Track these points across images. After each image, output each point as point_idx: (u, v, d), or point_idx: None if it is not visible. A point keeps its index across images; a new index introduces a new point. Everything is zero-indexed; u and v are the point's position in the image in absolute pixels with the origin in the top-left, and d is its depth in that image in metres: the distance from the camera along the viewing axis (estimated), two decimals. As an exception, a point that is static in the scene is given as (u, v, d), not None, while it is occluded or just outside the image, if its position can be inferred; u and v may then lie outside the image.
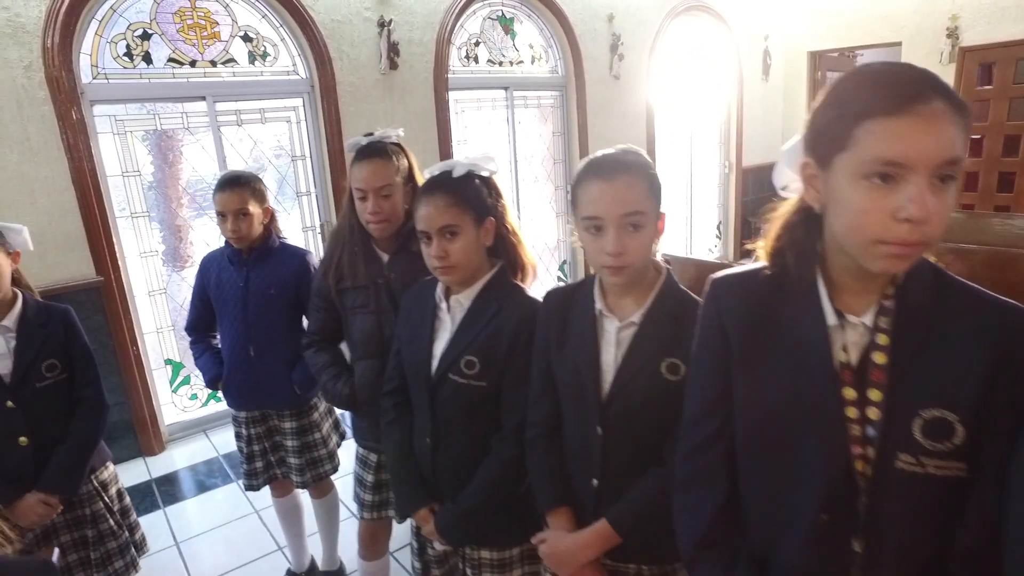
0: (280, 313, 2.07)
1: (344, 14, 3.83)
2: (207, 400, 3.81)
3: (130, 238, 3.44)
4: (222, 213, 1.97)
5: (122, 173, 3.39)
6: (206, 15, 3.52)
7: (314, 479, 2.21)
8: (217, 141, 3.60)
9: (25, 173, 2.99)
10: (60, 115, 3.04)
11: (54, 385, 1.79)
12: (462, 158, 1.49)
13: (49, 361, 1.79)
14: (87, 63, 3.21)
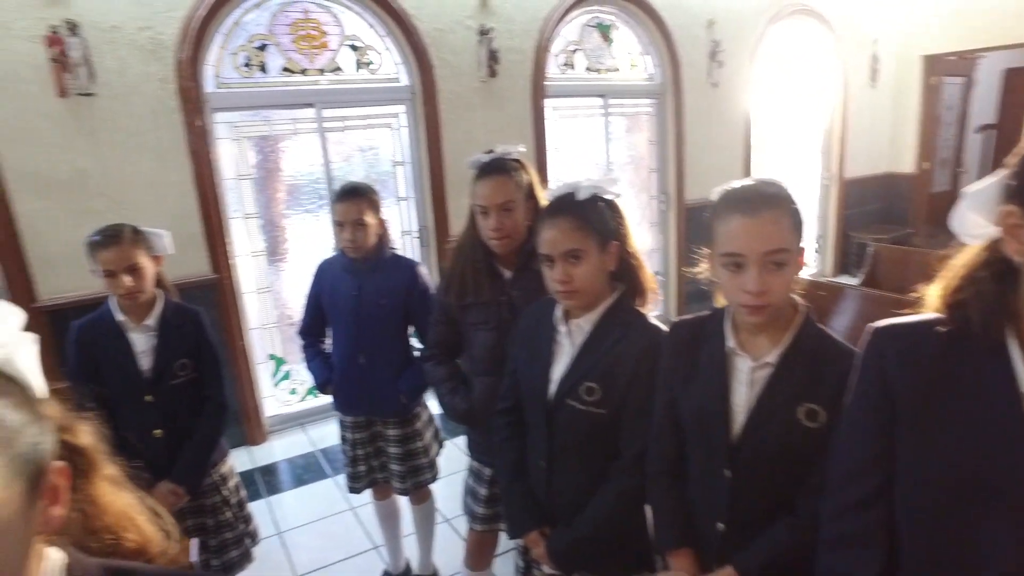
0: (390, 323, 2.13)
1: (446, 22, 3.89)
2: (305, 396, 3.97)
3: (241, 238, 3.62)
4: (340, 223, 2.04)
5: (236, 176, 3.58)
6: (317, 25, 3.66)
7: (414, 486, 2.25)
8: (323, 145, 3.74)
9: (157, 178, 3.20)
10: (187, 123, 3.24)
11: (185, 383, 1.91)
12: (584, 180, 1.47)
13: (182, 360, 1.91)
14: (211, 73, 3.40)
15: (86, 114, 3.04)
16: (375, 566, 2.62)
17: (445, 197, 4.01)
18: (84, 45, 2.96)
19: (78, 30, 2.94)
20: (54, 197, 3.01)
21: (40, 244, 3.00)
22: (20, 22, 2.85)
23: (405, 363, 2.17)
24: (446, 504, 2.77)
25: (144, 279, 1.83)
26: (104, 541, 0.72)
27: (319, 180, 3.80)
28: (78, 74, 2.96)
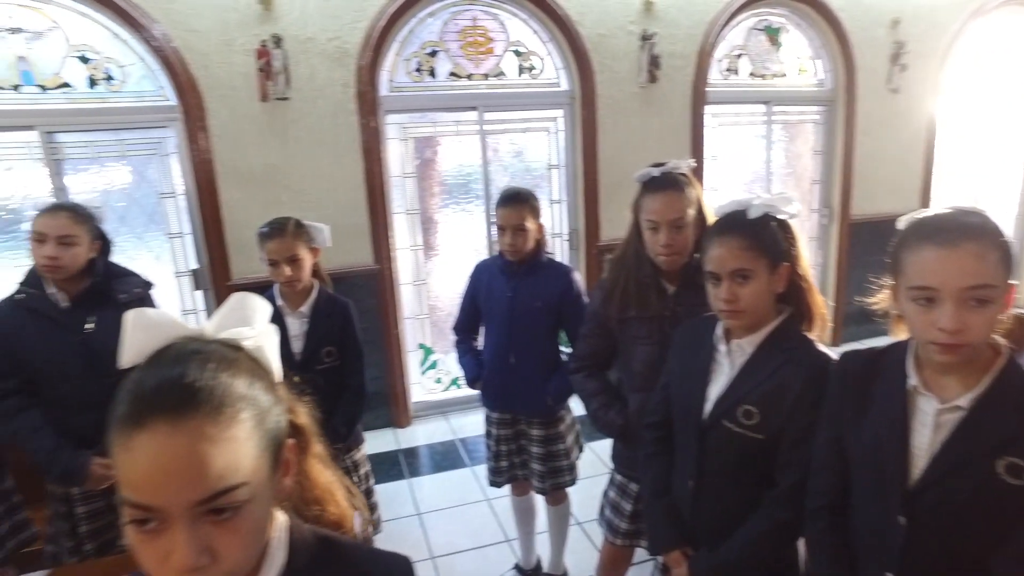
0: (541, 326, 2.18)
1: (609, 27, 3.89)
2: (449, 386, 4.17)
3: (402, 232, 3.87)
4: (502, 227, 2.12)
5: (402, 174, 3.83)
6: (484, 32, 3.82)
7: (553, 487, 2.30)
8: (482, 147, 3.89)
9: (333, 173, 3.51)
10: (362, 124, 3.52)
11: (330, 369, 2.08)
12: (755, 198, 1.42)
13: (328, 347, 2.08)
14: (386, 78, 3.66)
15: (280, 116, 3.40)
16: (506, 558, 2.71)
17: (598, 202, 4.02)
18: (284, 56, 3.31)
19: (281, 43, 3.29)
20: (249, 188, 3.40)
21: (236, 229, 3.41)
22: (239, 39, 3.26)
23: (554, 366, 2.21)
24: (580, 508, 2.79)
25: (302, 269, 2.02)
26: (312, 511, 0.82)
27: (476, 180, 3.97)
28: (277, 81, 3.32)
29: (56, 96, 3.20)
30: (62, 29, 3.16)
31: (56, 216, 1.84)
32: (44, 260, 1.83)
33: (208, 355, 0.65)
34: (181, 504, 0.58)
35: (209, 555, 0.59)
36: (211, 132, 3.30)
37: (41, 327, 1.87)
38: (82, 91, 3.23)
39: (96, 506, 1.97)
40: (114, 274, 2.01)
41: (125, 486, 0.59)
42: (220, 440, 0.60)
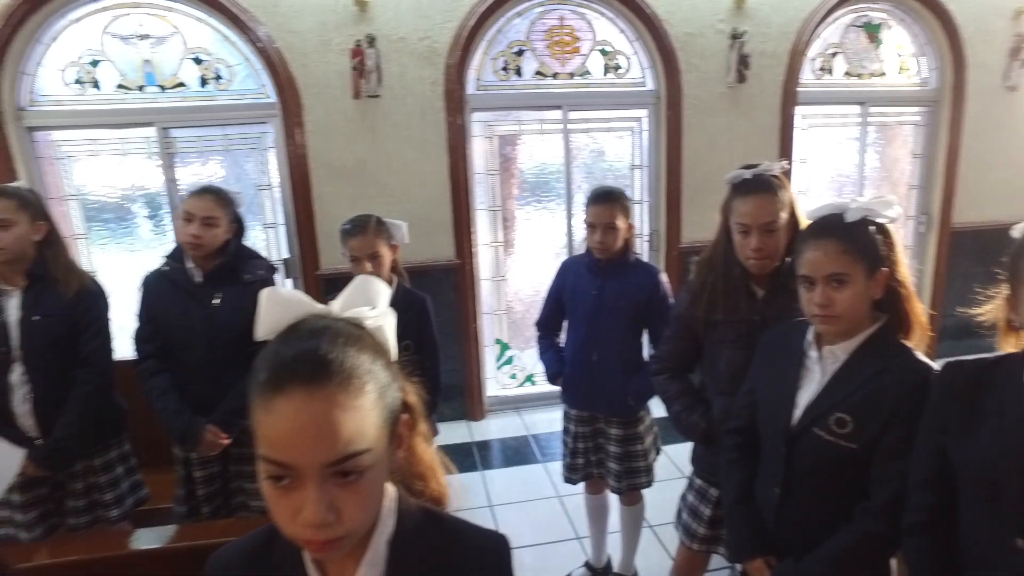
0: (626, 325, 2.18)
1: (698, 26, 3.83)
2: (523, 382, 4.21)
3: (484, 228, 3.94)
4: (592, 224, 2.13)
5: (485, 171, 3.90)
6: (571, 32, 3.83)
7: (629, 488, 2.29)
8: (565, 146, 3.91)
9: (419, 168, 3.62)
10: (448, 121, 3.60)
11: (406, 363, 2.14)
12: (853, 201, 1.38)
13: (405, 342, 2.14)
14: (473, 77, 3.74)
15: (371, 113, 3.53)
16: (575, 555, 2.72)
17: (680, 203, 3.97)
18: (377, 55, 3.44)
19: (375, 42, 3.42)
20: (340, 182, 3.56)
21: (326, 222, 3.56)
22: (336, 39, 3.41)
23: (636, 366, 2.21)
24: (652, 511, 2.77)
25: (382, 266, 2.10)
26: (417, 486, 0.87)
27: (558, 178, 3.99)
28: (370, 79, 3.45)
29: (172, 95, 3.45)
30: (181, 34, 3.40)
31: (203, 198, 2.02)
32: (188, 237, 2.00)
33: (337, 331, 0.70)
34: (314, 464, 0.63)
35: (334, 513, 0.65)
36: (306, 128, 3.47)
37: (178, 297, 2.07)
38: (194, 90, 3.47)
39: (211, 471, 2.14)
40: (244, 256, 2.17)
41: (264, 444, 0.65)
42: (349, 408, 0.65)
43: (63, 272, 2.07)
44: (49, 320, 2.01)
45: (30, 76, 3.31)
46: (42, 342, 2.01)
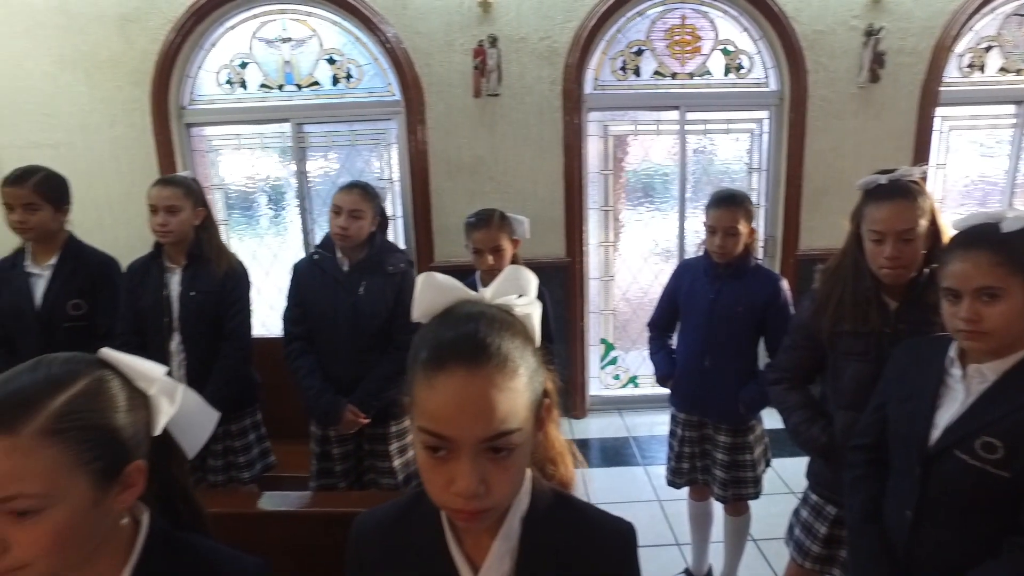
0: (742, 331, 2.13)
1: (828, 23, 3.64)
2: (626, 383, 4.19)
3: (594, 228, 3.95)
4: (712, 228, 2.10)
5: (599, 171, 3.90)
6: (693, 31, 3.76)
7: (735, 497, 2.24)
8: (681, 147, 3.84)
9: (534, 166, 3.69)
10: (565, 120, 3.64)
11: None
12: (1010, 210, 1.28)
13: None
14: (591, 76, 3.75)
15: (490, 111, 3.63)
16: (675, 562, 2.68)
17: (800, 209, 3.79)
18: (498, 54, 3.53)
19: (497, 42, 3.52)
20: (457, 178, 3.69)
21: (442, 216, 3.71)
22: (459, 40, 3.54)
23: (750, 374, 2.16)
24: (757, 524, 2.68)
25: (503, 259, 2.16)
26: (548, 469, 0.91)
27: (672, 180, 3.93)
28: (490, 78, 3.55)
29: (307, 93, 3.71)
30: (318, 36, 3.65)
31: (351, 192, 2.17)
32: (337, 229, 2.16)
33: (492, 316, 0.75)
34: (470, 438, 0.68)
35: (485, 486, 0.70)
36: (428, 125, 3.63)
37: (326, 285, 2.23)
38: (327, 88, 3.71)
39: (347, 448, 2.30)
40: (387, 248, 2.32)
41: (425, 417, 0.70)
42: (505, 389, 0.70)
43: (216, 254, 2.29)
44: (202, 296, 2.24)
45: (191, 78, 3.67)
46: (196, 316, 2.23)
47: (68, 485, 0.69)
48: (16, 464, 0.66)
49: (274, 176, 3.89)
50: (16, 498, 0.66)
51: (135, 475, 0.76)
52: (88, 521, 0.71)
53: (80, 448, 0.70)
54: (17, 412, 0.68)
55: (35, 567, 0.69)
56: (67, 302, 2.28)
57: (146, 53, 3.53)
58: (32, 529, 0.67)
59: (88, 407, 0.73)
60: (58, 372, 0.74)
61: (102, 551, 0.76)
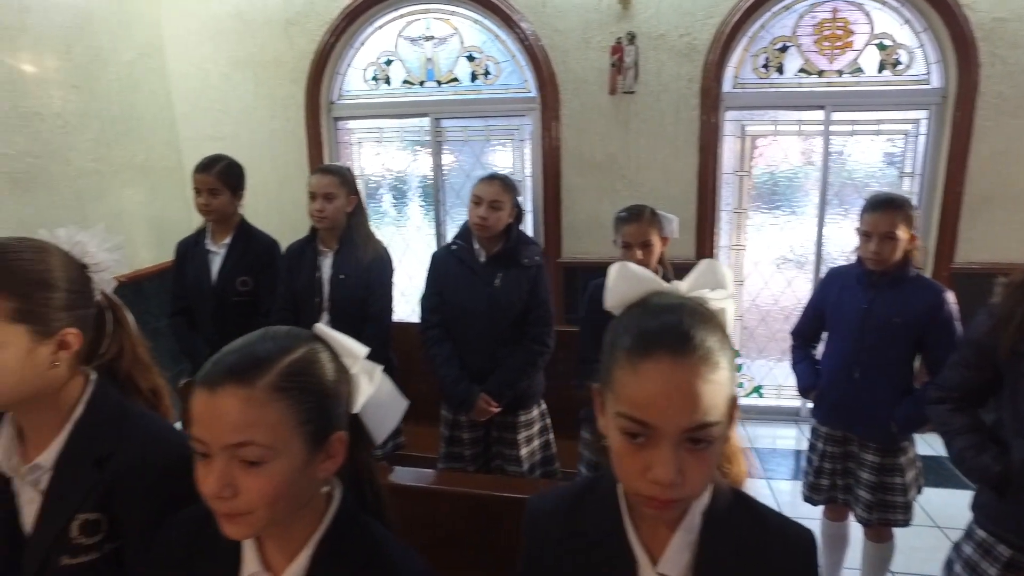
0: (898, 344, 1.99)
1: (1013, 8, 3.27)
2: (750, 392, 4.03)
3: (726, 230, 3.83)
4: (867, 233, 1.98)
5: (734, 171, 3.77)
6: (845, 25, 3.54)
7: (880, 522, 2.10)
8: (825, 148, 3.64)
9: (667, 165, 3.63)
10: (702, 119, 3.55)
11: None
12: None
13: None
14: (731, 74, 3.63)
15: (624, 109, 3.61)
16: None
17: (958, 218, 3.48)
18: (636, 52, 3.50)
19: (635, 39, 3.49)
20: (589, 175, 3.70)
21: (571, 212, 3.73)
22: (597, 37, 3.54)
23: (905, 390, 2.01)
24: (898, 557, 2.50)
25: (652, 256, 2.12)
26: (723, 466, 0.91)
27: (812, 183, 3.73)
28: (627, 76, 3.53)
29: (446, 89, 3.85)
30: (459, 34, 3.78)
31: (491, 183, 2.24)
32: (477, 219, 2.23)
33: (692, 309, 0.76)
34: (673, 427, 0.69)
35: (682, 475, 0.70)
36: (562, 122, 3.66)
37: (463, 275, 2.31)
38: (465, 85, 3.84)
39: (477, 434, 2.38)
40: (522, 241, 2.36)
41: (627, 403, 0.72)
42: (708, 381, 0.70)
43: (364, 239, 2.44)
44: (350, 279, 2.39)
45: (341, 75, 3.93)
46: (344, 297, 2.39)
47: (288, 441, 0.77)
48: (250, 413, 0.75)
49: (410, 168, 4.08)
50: (249, 444, 0.74)
51: (337, 445, 0.83)
52: (298, 481, 0.78)
53: (299, 408, 0.77)
54: (252, 369, 0.76)
55: (255, 515, 0.76)
56: (237, 278, 2.52)
57: (304, 53, 3.81)
58: (257, 478, 0.74)
59: (306, 371, 0.80)
60: (282, 340, 0.82)
61: (300, 514, 0.83)
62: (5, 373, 0.90)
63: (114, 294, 1.08)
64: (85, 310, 1.01)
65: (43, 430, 0.99)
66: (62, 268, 0.98)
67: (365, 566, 0.84)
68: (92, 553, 0.97)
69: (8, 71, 2.93)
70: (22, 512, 0.99)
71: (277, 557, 0.84)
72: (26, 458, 0.99)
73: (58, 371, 0.97)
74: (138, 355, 1.09)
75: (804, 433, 3.67)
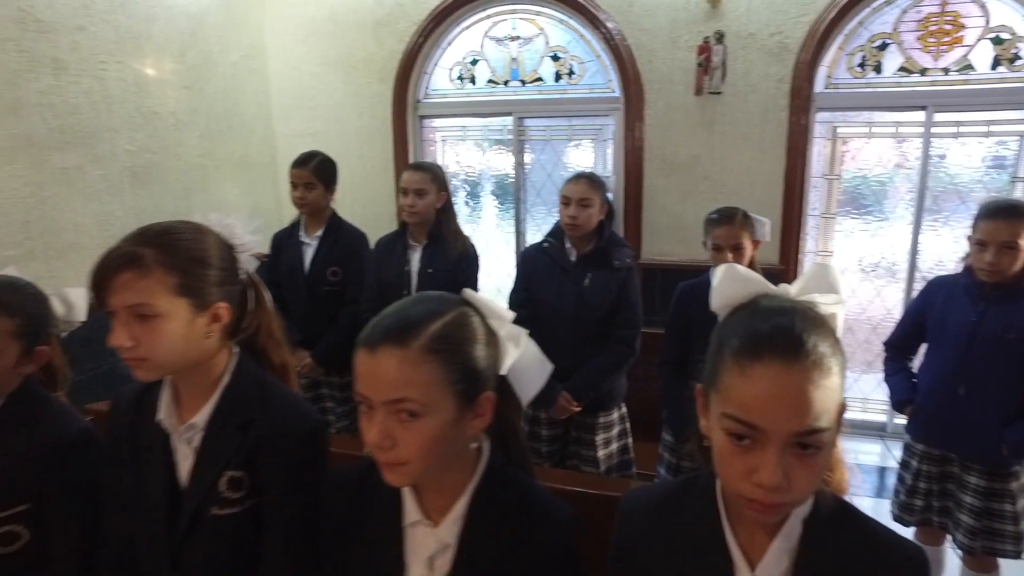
0: (1010, 362, 1.87)
1: None
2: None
3: (811, 236, 3.69)
4: (983, 242, 1.86)
5: (823, 175, 3.64)
6: (955, 19, 3.34)
7: (985, 551, 1.98)
8: (925, 152, 3.45)
9: (753, 168, 3.53)
10: (791, 120, 3.44)
11: None
12: None
13: None
14: (823, 74, 3.49)
15: (710, 109, 3.54)
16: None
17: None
18: (724, 51, 3.43)
19: (723, 39, 3.42)
20: (671, 176, 3.65)
21: (652, 213, 3.70)
22: (684, 36, 3.49)
23: (1017, 411, 1.89)
24: None
25: (743, 258, 2.07)
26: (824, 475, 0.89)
27: (909, 187, 3.55)
28: (713, 76, 3.46)
29: (530, 88, 3.89)
30: (545, 34, 3.81)
31: (578, 182, 2.25)
32: (567, 219, 2.25)
33: (804, 312, 0.75)
34: (782, 431, 0.69)
35: (788, 480, 0.70)
36: (646, 122, 3.63)
37: (553, 273, 2.33)
38: (549, 84, 3.86)
39: (556, 431, 2.41)
40: (614, 242, 2.36)
41: (735, 405, 0.72)
42: (820, 386, 0.69)
43: (452, 235, 2.50)
44: (438, 273, 2.45)
45: (427, 75, 4.03)
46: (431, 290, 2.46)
47: (440, 398, 0.83)
48: (406, 372, 0.82)
49: (492, 167, 4.14)
50: (405, 401, 0.81)
51: (485, 404, 0.89)
52: (449, 435, 0.85)
53: (449, 368, 0.83)
54: (407, 332, 0.83)
55: (411, 465, 0.83)
56: (327, 269, 2.64)
57: (392, 53, 3.94)
58: (413, 431, 0.82)
59: (456, 335, 0.86)
60: (434, 305, 0.89)
61: (454, 466, 0.91)
62: (170, 341, 1.01)
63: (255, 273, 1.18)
64: (233, 287, 1.11)
65: (196, 395, 1.10)
66: (216, 248, 1.08)
67: (518, 511, 0.91)
68: (236, 507, 1.07)
69: (135, 74, 3.18)
70: (178, 467, 1.09)
71: (435, 506, 0.92)
72: (181, 419, 1.10)
73: (210, 342, 1.07)
74: (273, 331, 1.19)
75: (890, 449, 3.50)
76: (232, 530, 1.08)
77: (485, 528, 0.91)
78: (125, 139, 3.15)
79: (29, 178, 2.74)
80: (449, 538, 0.91)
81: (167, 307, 1.00)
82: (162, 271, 1.00)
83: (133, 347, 1.00)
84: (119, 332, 1.00)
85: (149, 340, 1.00)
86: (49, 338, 1.33)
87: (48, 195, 2.83)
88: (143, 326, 1.00)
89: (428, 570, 0.92)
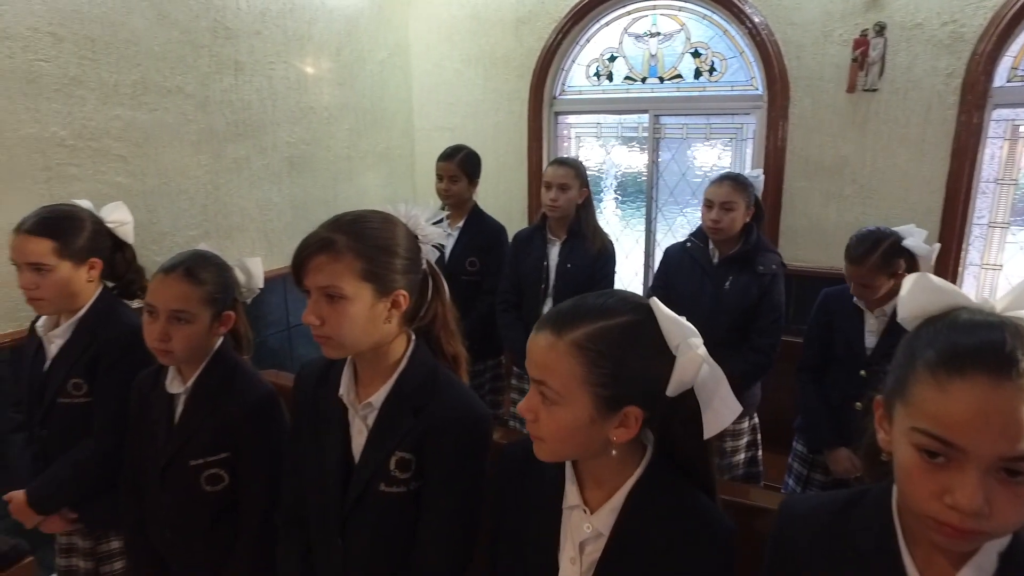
0: None
1: None
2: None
3: (975, 247, 3.37)
4: None
5: (995, 179, 3.30)
6: None
7: None
8: (1123, 158, 3.05)
9: (909, 171, 3.27)
10: (960, 119, 3.14)
11: None
12: None
13: None
14: (1007, 66, 3.16)
15: (863, 108, 3.31)
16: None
17: None
18: (884, 45, 3.19)
19: (884, 31, 3.18)
20: (815, 179, 3.46)
21: (792, 216, 3.52)
22: (838, 30, 3.28)
23: None
24: None
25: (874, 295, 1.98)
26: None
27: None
28: (869, 72, 3.23)
29: (668, 85, 3.82)
30: (686, 30, 3.73)
31: (721, 185, 2.23)
32: (709, 223, 2.22)
33: (1017, 329, 0.68)
34: (989, 454, 0.65)
35: (990, 507, 0.65)
36: (790, 121, 3.46)
37: (694, 272, 2.33)
38: (688, 81, 3.77)
39: None
40: (761, 246, 2.30)
41: (931, 421, 0.68)
42: None
43: (592, 231, 2.52)
44: (576, 269, 2.49)
45: (564, 71, 4.07)
46: (568, 286, 2.50)
47: (578, 395, 0.87)
48: (550, 359, 0.87)
49: (625, 164, 4.11)
50: (544, 384, 0.87)
51: (632, 419, 0.90)
52: (583, 431, 0.89)
53: (593, 369, 0.86)
54: (567, 323, 0.88)
55: (547, 444, 0.91)
56: (466, 259, 2.75)
57: (531, 50, 4.01)
58: (549, 412, 0.88)
59: (613, 340, 0.87)
60: (611, 303, 0.92)
61: (611, 464, 0.94)
62: (354, 322, 1.10)
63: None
64: (415, 276, 1.20)
65: (375, 376, 1.19)
66: (403, 237, 1.17)
67: (677, 514, 0.93)
68: (403, 487, 1.15)
69: (297, 73, 3.47)
70: (353, 441, 1.19)
71: (595, 496, 0.96)
72: (359, 397, 1.19)
73: (389, 327, 1.16)
74: (448, 322, 1.27)
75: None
76: (397, 508, 1.16)
77: (640, 524, 0.93)
78: (285, 132, 3.44)
79: (210, 167, 3.08)
80: (603, 527, 0.94)
81: (353, 290, 1.10)
82: (351, 256, 1.10)
83: (320, 325, 1.10)
84: (311, 310, 1.10)
85: (334, 320, 1.10)
86: (235, 304, 1.49)
87: (222, 182, 3.16)
88: (331, 307, 1.10)
89: (579, 554, 0.96)
